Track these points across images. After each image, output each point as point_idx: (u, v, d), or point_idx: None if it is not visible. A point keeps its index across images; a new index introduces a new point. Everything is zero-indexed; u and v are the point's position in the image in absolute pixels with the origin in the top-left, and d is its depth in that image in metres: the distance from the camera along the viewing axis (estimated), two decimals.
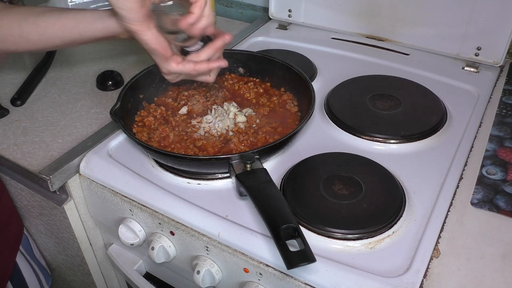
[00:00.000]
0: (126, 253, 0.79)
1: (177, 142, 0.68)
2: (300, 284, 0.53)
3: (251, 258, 0.57)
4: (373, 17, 0.98)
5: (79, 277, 0.91)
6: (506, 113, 0.77)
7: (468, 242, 0.56)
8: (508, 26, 0.84)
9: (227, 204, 0.62)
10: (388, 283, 0.50)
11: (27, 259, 0.84)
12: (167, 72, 0.63)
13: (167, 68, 0.62)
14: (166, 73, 0.64)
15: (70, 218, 0.75)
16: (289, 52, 0.95)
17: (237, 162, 0.58)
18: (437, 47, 0.94)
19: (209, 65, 0.64)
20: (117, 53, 1.00)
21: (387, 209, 0.58)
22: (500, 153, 0.69)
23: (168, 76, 0.65)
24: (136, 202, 0.66)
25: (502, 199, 0.61)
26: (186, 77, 0.66)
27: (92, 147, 0.73)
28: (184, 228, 0.62)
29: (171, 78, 0.66)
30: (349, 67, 0.92)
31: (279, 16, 1.11)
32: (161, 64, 0.62)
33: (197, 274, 0.61)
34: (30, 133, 0.77)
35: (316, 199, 0.60)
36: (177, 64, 0.62)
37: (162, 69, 0.63)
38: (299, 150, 0.71)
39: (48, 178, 0.67)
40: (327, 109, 0.79)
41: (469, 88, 0.85)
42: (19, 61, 0.98)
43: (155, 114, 0.74)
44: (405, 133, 0.72)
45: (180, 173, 0.67)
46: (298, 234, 0.48)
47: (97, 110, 0.82)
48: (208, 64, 0.64)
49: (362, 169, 0.65)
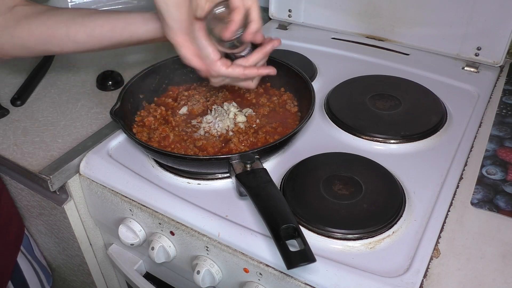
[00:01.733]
0: (126, 253, 0.79)
1: (177, 142, 0.68)
2: (300, 284, 0.53)
3: (251, 258, 0.57)
4: (373, 17, 0.98)
5: (79, 277, 0.91)
6: (506, 113, 0.77)
7: (468, 242, 0.56)
8: (508, 26, 0.84)
9: (227, 204, 0.62)
10: (388, 283, 0.50)
11: (28, 258, 0.84)
12: (216, 75, 0.62)
13: (217, 71, 0.61)
14: (215, 75, 0.62)
15: (70, 218, 0.75)
16: (289, 52, 0.95)
17: (237, 162, 0.58)
18: (437, 47, 0.94)
19: (259, 71, 0.64)
20: (117, 53, 1.00)
21: (387, 209, 0.58)
22: (500, 153, 0.69)
23: (214, 79, 0.64)
24: (136, 202, 0.66)
25: (502, 199, 0.61)
26: (230, 82, 0.66)
27: (92, 147, 0.73)
28: (184, 228, 0.62)
29: (217, 81, 0.65)
30: (349, 67, 0.92)
31: (279, 16, 1.11)
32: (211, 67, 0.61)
33: (197, 274, 0.61)
34: (30, 133, 0.77)
35: (316, 199, 0.60)
36: (226, 68, 0.61)
37: (212, 72, 0.62)
38: (299, 150, 0.71)
39: (48, 178, 0.67)
40: (327, 109, 0.79)
41: (469, 88, 0.85)
42: (19, 61, 0.98)
43: (155, 114, 0.74)
44: (405, 133, 0.72)
45: (180, 173, 0.67)
46: (298, 234, 0.48)
47: (97, 110, 0.82)
48: (258, 70, 0.64)
49: (362, 169, 0.65)
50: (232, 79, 0.65)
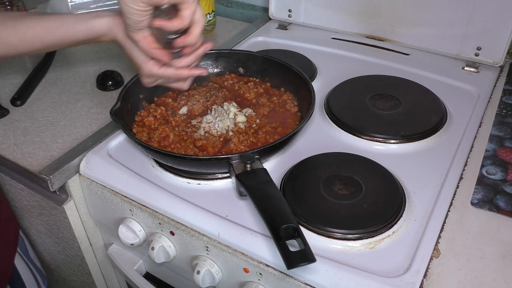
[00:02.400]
0: (126, 253, 0.79)
1: (177, 142, 0.68)
2: (300, 284, 0.53)
3: (251, 258, 0.57)
4: (373, 17, 0.98)
5: (79, 277, 0.91)
6: (506, 113, 0.77)
7: (468, 242, 0.56)
8: (508, 26, 0.84)
9: (227, 204, 0.62)
10: (388, 283, 0.50)
11: (24, 260, 0.83)
12: (148, 74, 0.65)
13: (149, 70, 0.63)
14: (147, 75, 0.65)
15: (70, 218, 0.75)
16: (289, 52, 0.95)
17: (237, 162, 0.58)
18: (437, 47, 0.94)
19: (191, 72, 0.66)
20: (117, 53, 1.00)
21: (387, 209, 0.58)
22: (500, 153, 0.69)
23: (146, 79, 0.66)
24: (136, 202, 0.66)
25: (502, 199, 0.61)
26: (163, 82, 0.68)
27: (92, 147, 0.73)
28: (184, 228, 0.62)
29: (149, 82, 0.67)
30: (349, 67, 0.92)
31: (279, 16, 1.11)
32: (143, 66, 0.64)
33: (197, 274, 0.61)
34: (30, 133, 0.77)
35: (316, 199, 0.60)
36: (159, 67, 0.63)
37: (144, 71, 0.64)
38: (299, 150, 0.71)
39: (48, 178, 0.67)
40: (327, 109, 0.79)
41: (469, 88, 0.85)
42: (19, 61, 0.98)
43: (155, 114, 0.74)
44: (405, 133, 0.72)
45: (180, 173, 0.67)
46: (298, 234, 0.48)
47: (97, 110, 0.82)
48: (190, 71, 0.66)
49: (362, 169, 0.65)
50: (164, 79, 0.67)
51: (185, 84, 0.69)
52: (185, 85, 0.69)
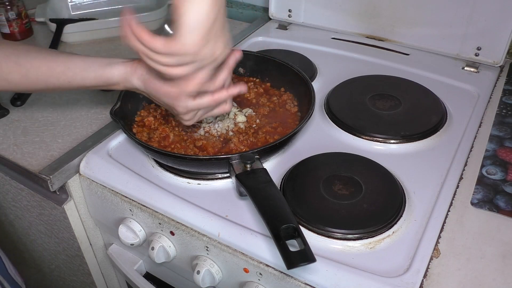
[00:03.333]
0: (126, 253, 0.79)
1: (177, 142, 0.68)
2: (300, 284, 0.53)
3: (251, 258, 0.57)
4: (373, 17, 0.98)
5: (79, 277, 0.91)
6: (506, 113, 0.77)
7: (468, 242, 0.56)
8: (508, 26, 0.84)
9: (227, 204, 0.62)
10: (388, 283, 0.50)
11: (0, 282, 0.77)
12: (185, 111, 0.57)
13: (184, 106, 0.56)
14: (184, 112, 0.57)
15: (70, 218, 0.75)
16: (289, 52, 0.95)
17: (237, 162, 0.58)
18: (437, 47, 0.94)
19: (229, 92, 0.58)
20: (117, 54, 1.00)
21: (387, 209, 0.58)
22: (500, 153, 0.69)
23: (185, 117, 0.59)
24: (136, 202, 0.66)
25: (502, 199, 0.61)
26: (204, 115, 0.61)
27: (92, 147, 0.73)
28: (184, 228, 0.62)
29: (190, 119, 0.59)
30: (349, 67, 0.92)
31: (279, 16, 1.11)
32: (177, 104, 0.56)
33: (197, 274, 0.61)
34: (30, 133, 0.77)
35: (316, 199, 0.60)
36: (193, 99, 0.56)
37: (179, 109, 0.57)
38: (299, 150, 0.71)
39: (48, 178, 0.67)
40: (327, 109, 0.79)
41: (469, 88, 0.85)
42: None
43: (155, 114, 0.74)
44: (405, 133, 0.72)
45: (180, 173, 0.67)
46: (298, 234, 0.48)
47: (97, 110, 0.82)
48: (227, 92, 0.58)
49: (362, 169, 0.65)
50: (204, 110, 0.59)
51: (227, 106, 0.61)
52: (227, 107, 0.61)
